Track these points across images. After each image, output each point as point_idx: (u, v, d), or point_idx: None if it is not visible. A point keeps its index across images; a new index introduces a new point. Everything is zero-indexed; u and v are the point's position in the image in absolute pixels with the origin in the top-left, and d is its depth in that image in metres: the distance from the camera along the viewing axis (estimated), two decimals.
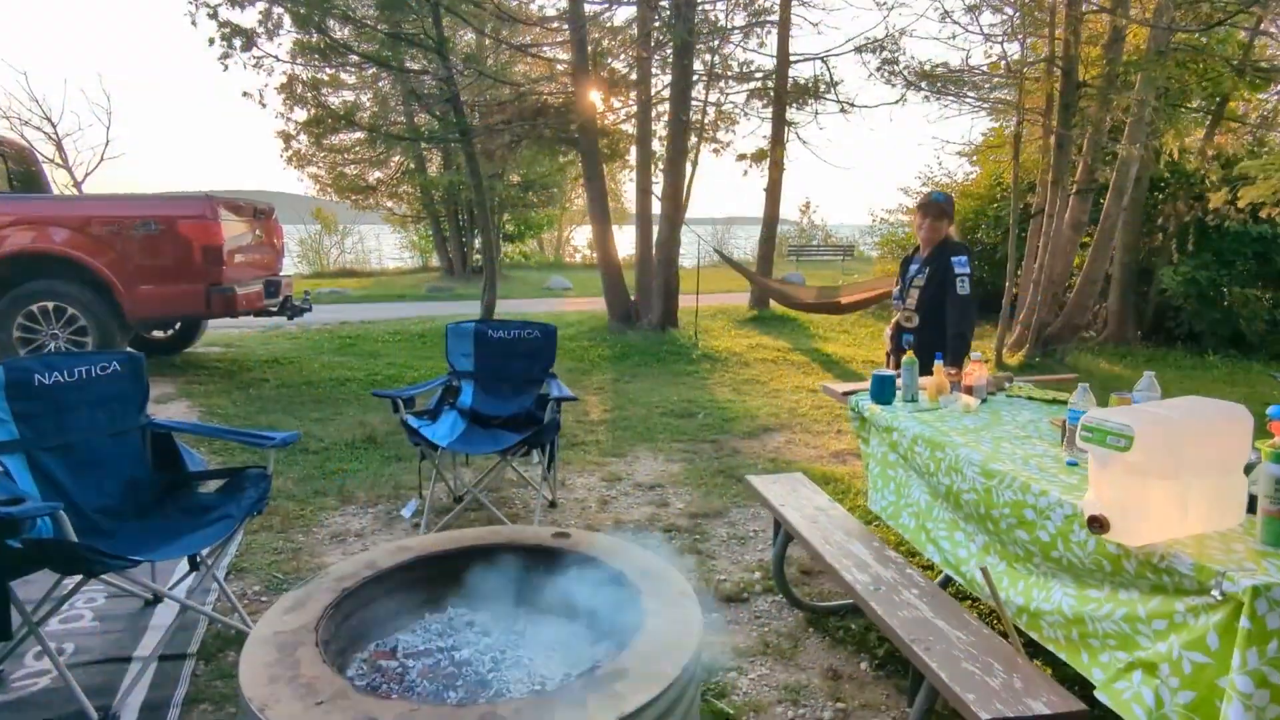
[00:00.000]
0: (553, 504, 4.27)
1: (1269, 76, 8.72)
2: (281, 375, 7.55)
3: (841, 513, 3.07)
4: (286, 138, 8.89)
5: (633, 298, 10.41)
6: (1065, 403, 3.04)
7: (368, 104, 16.45)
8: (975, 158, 13.86)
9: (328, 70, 15.48)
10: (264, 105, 8.08)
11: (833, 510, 3.09)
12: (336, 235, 24.08)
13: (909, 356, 3.10)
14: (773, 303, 11.51)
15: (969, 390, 3.05)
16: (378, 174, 19.90)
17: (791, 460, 5.19)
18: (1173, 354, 9.76)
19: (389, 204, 20.98)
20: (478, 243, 22.64)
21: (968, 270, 3.80)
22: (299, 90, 8.72)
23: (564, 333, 10.07)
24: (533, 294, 17.14)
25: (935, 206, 3.91)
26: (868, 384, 3.25)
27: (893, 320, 4.15)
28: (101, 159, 17.49)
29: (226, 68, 8.22)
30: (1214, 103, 7.81)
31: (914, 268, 4.03)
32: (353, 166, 18.71)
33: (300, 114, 8.95)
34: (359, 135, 18.13)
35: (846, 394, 3.30)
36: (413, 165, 18.93)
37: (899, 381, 3.12)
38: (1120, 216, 7.74)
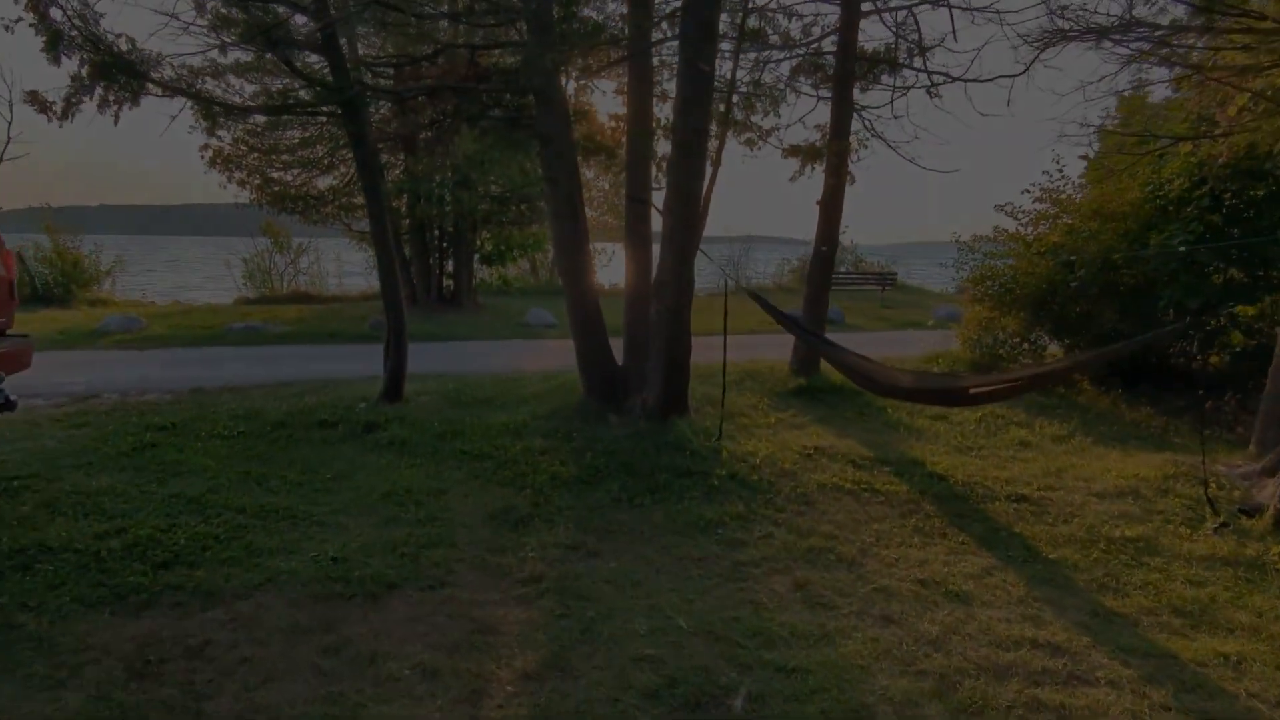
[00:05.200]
0: None
1: None
2: None
3: None
4: (43, 105, 5.42)
5: (620, 361, 6.82)
6: None
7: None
8: (1089, 169, 10.01)
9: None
10: None
11: None
12: (290, 254, 20.64)
13: None
14: (824, 362, 7.89)
15: None
16: (330, 180, 16.39)
17: None
18: None
19: (344, 218, 17.46)
20: (450, 265, 19.15)
21: None
22: (66, 27, 5.21)
23: (510, 419, 6.38)
24: (505, 332, 13.52)
25: None
26: None
27: None
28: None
29: None
30: None
31: None
32: (292, 172, 15.18)
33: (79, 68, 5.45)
34: (296, 132, 14.77)
35: None
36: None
37: None
38: None
